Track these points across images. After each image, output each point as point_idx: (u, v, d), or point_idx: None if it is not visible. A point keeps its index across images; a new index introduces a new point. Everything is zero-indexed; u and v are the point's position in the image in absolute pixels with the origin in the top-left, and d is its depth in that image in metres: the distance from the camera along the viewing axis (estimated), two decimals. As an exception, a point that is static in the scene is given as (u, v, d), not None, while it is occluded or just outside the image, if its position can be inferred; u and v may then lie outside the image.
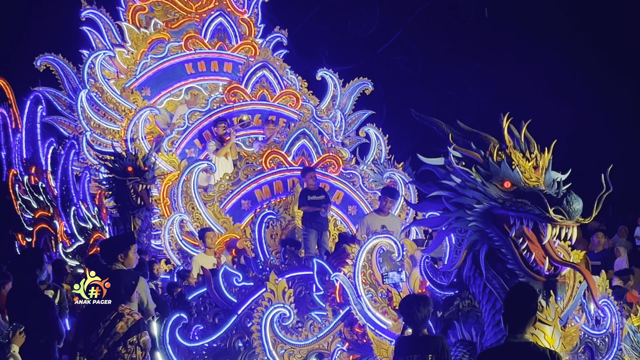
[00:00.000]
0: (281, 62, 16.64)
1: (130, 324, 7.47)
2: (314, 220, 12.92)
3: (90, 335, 7.46)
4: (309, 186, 13.07)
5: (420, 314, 7.39)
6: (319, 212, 12.88)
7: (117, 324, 7.41)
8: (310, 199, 12.92)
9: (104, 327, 7.41)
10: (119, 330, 7.40)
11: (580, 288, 8.73)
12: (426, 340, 7.39)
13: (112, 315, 7.44)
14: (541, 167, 7.94)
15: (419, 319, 7.36)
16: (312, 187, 13.05)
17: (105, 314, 7.43)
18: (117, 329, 7.40)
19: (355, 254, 9.24)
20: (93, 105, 15.63)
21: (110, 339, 7.39)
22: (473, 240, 8.08)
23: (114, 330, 7.39)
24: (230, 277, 10.53)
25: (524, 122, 8.19)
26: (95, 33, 17.11)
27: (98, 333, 7.41)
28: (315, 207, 12.88)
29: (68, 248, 13.96)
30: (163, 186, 14.08)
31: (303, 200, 12.99)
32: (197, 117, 15.19)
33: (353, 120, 17.84)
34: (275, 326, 9.18)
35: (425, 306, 7.45)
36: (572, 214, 7.54)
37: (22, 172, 15.77)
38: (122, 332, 7.40)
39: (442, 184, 8.20)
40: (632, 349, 9.80)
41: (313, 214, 12.92)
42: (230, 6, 17.73)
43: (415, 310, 7.38)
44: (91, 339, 7.46)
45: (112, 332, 7.39)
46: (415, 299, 7.57)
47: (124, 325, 7.43)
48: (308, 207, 12.95)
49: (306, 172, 13.20)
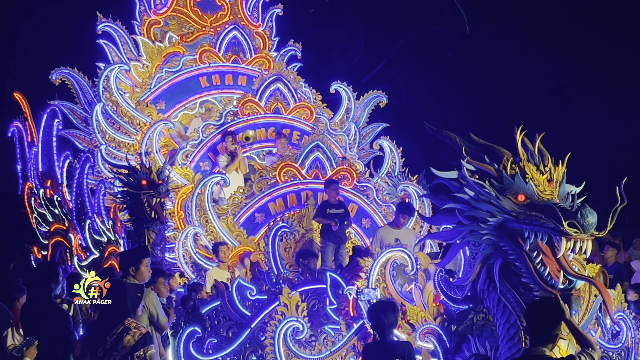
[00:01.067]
0: (295, 75, 16.62)
1: (137, 337, 7.47)
2: (332, 233, 12.89)
3: (97, 349, 7.47)
4: (330, 199, 13.04)
5: (387, 320, 7.53)
6: (334, 225, 12.83)
7: (124, 338, 7.41)
8: (329, 212, 12.88)
9: (110, 341, 7.42)
10: (126, 344, 7.40)
11: (595, 302, 8.69)
12: (393, 345, 7.54)
13: (119, 329, 7.44)
14: (555, 180, 7.90)
15: (385, 324, 7.53)
16: (333, 200, 13.02)
17: (112, 328, 7.42)
18: (124, 343, 7.40)
19: (369, 268, 9.22)
20: (108, 119, 15.67)
21: (118, 352, 7.39)
22: (487, 253, 8.04)
23: (121, 344, 7.40)
24: (244, 290, 10.52)
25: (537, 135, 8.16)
26: (111, 46, 17.18)
27: (105, 347, 7.42)
28: (329, 219, 12.83)
29: (83, 261, 13.95)
30: (177, 199, 14.09)
31: (320, 212, 12.96)
32: (211, 131, 15.21)
33: (367, 133, 17.83)
34: (289, 340, 9.16)
35: (392, 312, 7.59)
36: (587, 228, 7.49)
37: (37, 185, 15.81)
38: (130, 346, 7.40)
39: (456, 197, 8.17)
40: (648, 363, 9.73)
41: (330, 228, 12.88)
42: (245, 20, 17.79)
43: (383, 317, 7.53)
44: (98, 353, 7.46)
45: (120, 346, 7.39)
46: (382, 306, 7.74)
47: (131, 338, 7.43)
48: (322, 219, 12.93)
49: (330, 185, 13.17)
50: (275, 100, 15.56)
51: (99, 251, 13.78)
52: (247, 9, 18.03)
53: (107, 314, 7.64)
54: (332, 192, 13.05)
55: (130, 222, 13.23)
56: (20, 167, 16.49)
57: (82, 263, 13.92)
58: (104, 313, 7.73)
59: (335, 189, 13.12)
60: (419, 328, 8.84)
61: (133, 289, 7.69)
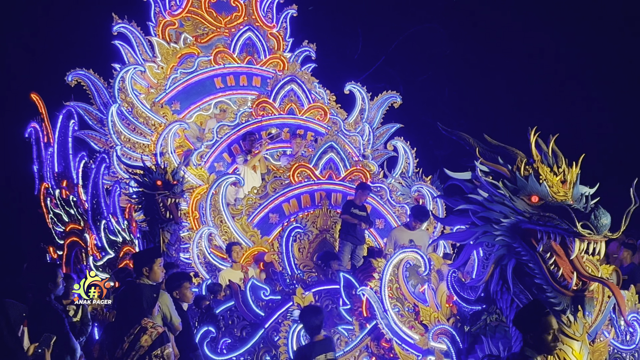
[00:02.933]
0: (309, 76, 16.64)
1: (155, 337, 7.48)
2: (351, 233, 12.93)
3: (115, 350, 7.49)
4: (355, 200, 13.10)
5: (317, 321, 8.09)
6: (357, 225, 12.90)
7: (142, 338, 7.43)
8: (353, 211, 12.93)
9: (128, 342, 7.43)
10: (143, 344, 7.42)
11: (609, 303, 8.66)
12: (322, 342, 8.07)
13: (136, 329, 7.46)
14: (569, 181, 7.88)
15: (315, 325, 8.09)
16: (359, 202, 13.09)
17: (129, 328, 7.44)
18: (142, 343, 7.42)
19: (382, 268, 9.21)
20: (123, 120, 15.70)
21: (136, 352, 7.41)
22: (500, 254, 8.03)
23: (139, 344, 7.41)
24: (258, 290, 10.54)
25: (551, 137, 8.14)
26: (127, 47, 17.23)
27: (123, 348, 7.43)
28: (356, 219, 12.90)
29: (98, 261, 14.00)
30: (192, 200, 14.12)
31: (346, 209, 13.01)
32: (225, 131, 15.24)
33: (381, 134, 17.79)
34: (302, 340, 9.17)
35: (320, 314, 8.23)
36: (600, 229, 7.47)
37: (53, 185, 15.87)
38: (147, 346, 7.41)
39: (470, 198, 8.16)
40: (662, 365, 9.69)
41: (351, 227, 12.93)
42: (259, 21, 17.82)
43: (314, 319, 8.09)
44: (116, 354, 7.48)
45: (137, 346, 7.40)
46: (312, 310, 8.44)
47: (148, 338, 7.44)
48: (349, 217, 12.96)
49: (364, 189, 13.29)
50: (290, 101, 15.58)
51: (114, 251, 13.83)
52: (261, 10, 18.06)
53: (124, 315, 7.65)
54: (363, 196, 13.18)
55: (145, 222, 13.25)
56: (37, 168, 16.55)
57: (97, 263, 13.97)
58: (120, 314, 7.75)
59: (367, 194, 13.25)
60: (432, 329, 8.83)
61: (149, 289, 7.72)
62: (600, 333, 9.05)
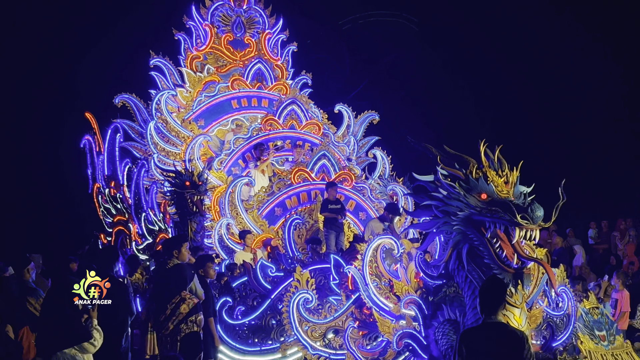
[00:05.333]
0: (306, 99, 16.63)
1: (191, 306, 7.50)
2: (333, 224, 12.92)
3: (159, 315, 7.49)
4: (329, 197, 13.07)
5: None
6: (337, 218, 12.89)
7: (181, 306, 7.44)
8: (330, 207, 12.92)
9: (170, 309, 7.44)
10: (182, 311, 7.43)
11: (542, 278, 8.65)
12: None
13: (177, 299, 7.46)
14: (510, 182, 7.89)
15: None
16: (332, 198, 13.06)
17: (171, 298, 7.45)
18: (181, 310, 7.43)
19: (364, 251, 9.21)
20: (159, 133, 15.68)
21: (176, 317, 7.42)
22: (457, 240, 8.03)
23: (179, 311, 7.42)
24: (266, 268, 10.54)
25: (497, 147, 8.15)
26: (161, 76, 17.20)
27: (165, 313, 7.44)
28: (334, 214, 12.89)
29: (139, 245, 13.99)
30: (214, 197, 14.11)
31: (324, 208, 12.99)
32: (240, 143, 15.23)
33: (364, 144, 17.77)
34: (301, 308, 9.16)
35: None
36: (536, 220, 7.49)
37: (104, 185, 15.84)
38: (185, 313, 7.43)
39: (433, 196, 8.16)
40: (584, 327, 9.71)
41: (332, 219, 12.92)
42: (267, 55, 17.79)
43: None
44: (160, 318, 7.48)
45: (177, 313, 7.42)
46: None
47: (186, 307, 7.46)
48: (328, 214, 12.96)
49: (330, 186, 13.21)
50: (291, 118, 15.57)
51: (152, 237, 13.81)
52: (269, 46, 18.02)
53: (166, 287, 7.62)
54: (332, 192, 13.12)
55: (177, 214, 13.26)
56: (90, 171, 16.50)
57: (138, 247, 13.96)
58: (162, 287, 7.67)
59: (335, 189, 13.20)
60: (403, 299, 8.82)
61: (189, 268, 7.75)
62: (536, 302, 9.05)
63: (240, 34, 17.81)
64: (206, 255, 9.70)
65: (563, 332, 9.37)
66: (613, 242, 18.04)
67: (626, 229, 17.97)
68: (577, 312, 9.65)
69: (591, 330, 9.66)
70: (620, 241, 17.71)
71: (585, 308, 9.89)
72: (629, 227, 18.02)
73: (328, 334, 9.16)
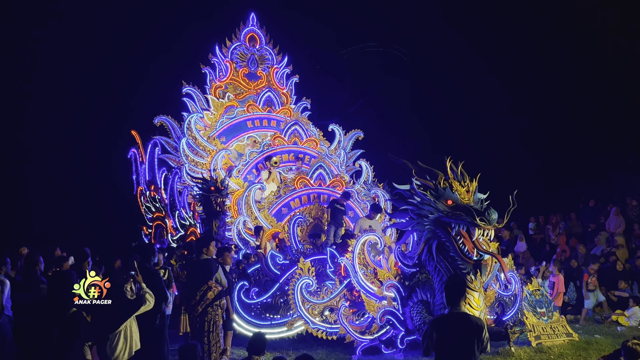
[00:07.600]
0: (306, 120, 16.55)
1: (216, 293, 7.41)
2: (337, 220, 12.85)
3: (190, 300, 7.39)
4: (340, 200, 13.02)
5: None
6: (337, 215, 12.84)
7: (208, 293, 7.34)
8: (336, 206, 12.86)
9: (199, 295, 7.35)
10: (209, 297, 7.33)
11: (495, 266, 8.63)
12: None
13: (205, 287, 7.37)
14: (471, 191, 7.85)
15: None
16: (342, 202, 13.03)
17: (200, 287, 7.37)
18: (208, 296, 7.33)
19: (354, 245, 9.16)
20: (190, 147, 15.58)
21: (204, 302, 7.32)
22: (428, 237, 7.98)
23: (206, 297, 7.32)
24: (275, 257, 10.46)
25: (459, 162, 8.09)
26: (191, 102, 17.10)
27: (195, 299, 7.34)
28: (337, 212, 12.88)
29: (174, 237, 13.92)
30: (233, 199, 14.02)
31: (332, 204, 12.94)
32: (254, 155, 15.13)
33: (351, 156, 17.69)
34: (303, 291, 9.10)
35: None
36: (491, 221, 7.45)
37: (145, 188, 15.76)
38: (211, 298, 7.33)
39: (409, 202, 8.11)
40: (528, 305, 9.66)
41: (335, 215, 12.84)
42: (275, 85, 17.69)
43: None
44: (191, 302, 7.39)
45: (205, 298, 7.32)
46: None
47: (212, 294, 7.37)
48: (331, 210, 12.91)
49: (347, 195, 13.14)
50: (294, 136, 15.47)
51: (184, 230, 13.73)
52: (276, 78, 17.92)
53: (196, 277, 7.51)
54: (343, 199, 13.05)
55: (204, 212, 13.17)
56: (135, 177, 16.44)
57: (173, 238, 13.87)
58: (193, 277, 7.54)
59: (348, 198, 13.09)
60: (385, 283, 8.78)
61: (214, 262, 7.66)
62: (490, 285, 9.01)
63: (254, 68, 17.70)
64: (224, 247, 9.62)
65: (511, 309, 9.33)
66: (547, 234, 18.04)
67: (557, 222, 18.02)
68: (522, 293, 9.61)
69: (534, 307, 9.62)
70: (553, 232, 17.76)
71: (529, 290, 9.85)
72: (559, 221, 18.09)
73: (325, 311, 9.11)
